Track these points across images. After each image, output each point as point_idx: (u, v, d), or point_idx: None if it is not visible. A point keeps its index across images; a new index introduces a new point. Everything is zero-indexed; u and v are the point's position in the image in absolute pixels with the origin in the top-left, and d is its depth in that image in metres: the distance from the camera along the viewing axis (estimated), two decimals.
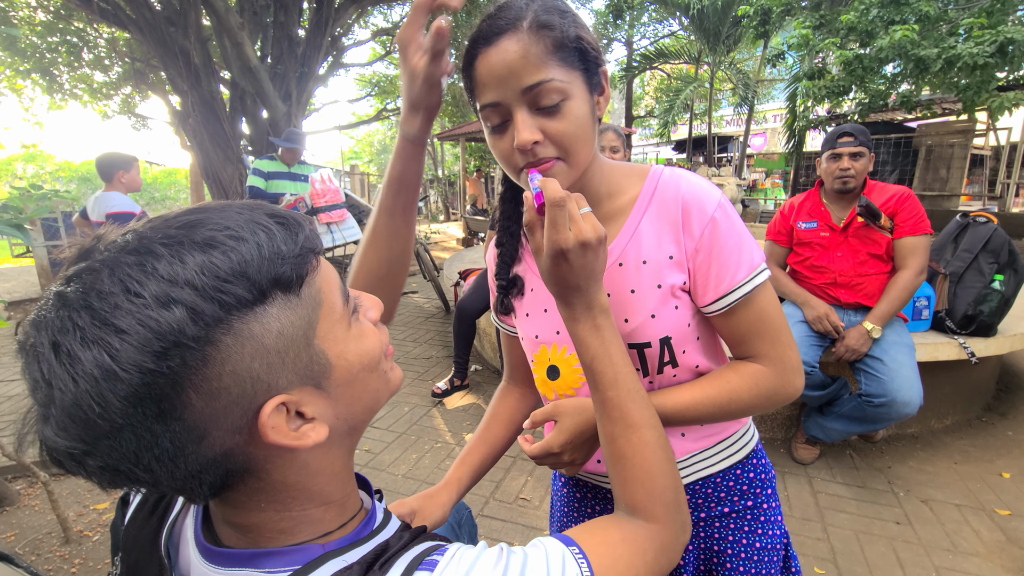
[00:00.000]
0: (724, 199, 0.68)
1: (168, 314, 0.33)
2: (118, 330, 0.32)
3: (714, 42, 11.30)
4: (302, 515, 0.44)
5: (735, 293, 0.66)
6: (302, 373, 0.40)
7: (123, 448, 0.34)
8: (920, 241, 2.00)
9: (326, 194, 3.84)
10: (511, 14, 0.58)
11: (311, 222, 0.43)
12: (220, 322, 0.35)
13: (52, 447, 0.34)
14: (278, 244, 0.38)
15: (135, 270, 0.34)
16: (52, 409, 0.33)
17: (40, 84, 8.10)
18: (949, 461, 2.30)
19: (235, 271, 0.35)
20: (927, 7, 5.47)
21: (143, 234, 0.36)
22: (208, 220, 0.37)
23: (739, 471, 0.79)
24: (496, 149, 0.64)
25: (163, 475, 0.36)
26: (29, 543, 1.93)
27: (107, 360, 0.32)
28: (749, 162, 15.07)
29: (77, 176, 15.41)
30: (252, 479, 0.41)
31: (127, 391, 0.32)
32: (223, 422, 0.37)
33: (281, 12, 6.66)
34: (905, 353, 1.96)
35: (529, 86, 0.58)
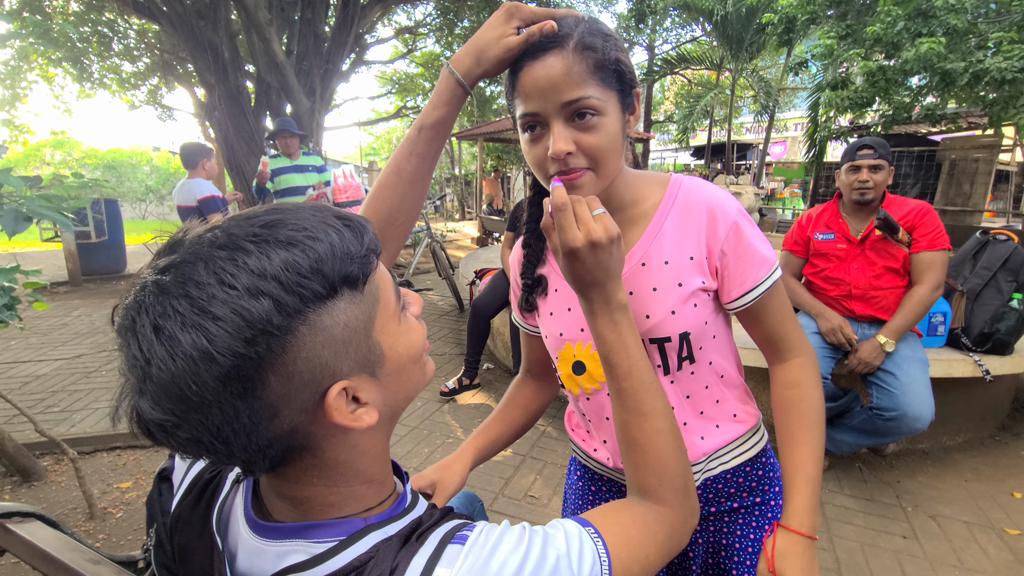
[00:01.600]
0: (740, 205, 0.75)
1: (258, 304, 0.37)
2: (215, 317, 0.36)
3: (737, 49, 11.22)
4: (348, 491, 0.48)
5: (759, 288, 0.73)
6: (361, 362, 0.44)
7: (209, 422, 0.38)
8: (938, 256, 2.00)
9: (347, 190, 3.91)
10: (559, 32, 0.63)
11: (369, 223, 0.47)
12: (299, 313, 0.39)
13: (147, 419, 0.38)
14: (347, 245, 0.42)
15: (228, 263, 0.37)
16: (148, 384, 0.37)
17: (71, 73, 8.32)
18: (959, 478, 2.29)
19: (313, 268, 0.39)
20: (956, 20, 5.39)
21: (230, 231, 0.40)
22: (287, 220, 0.41)
23: (748, 468, 0.83)
24: (530, 155, 0.68)
25: (237, 447, 0.40)
26: (56, 517, 2.01)
27: (204, 343, 0.36)
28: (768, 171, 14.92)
29: (102, 164, 15.74)
30: (308, 455, 0.45)
31: (220, 372, 0.36)
32: (294, 402, 0.41)
33: (308, 9, 6.77)
34: (918, 368, 1.97)
35: (568, 101, 0.62)
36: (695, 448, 0.78)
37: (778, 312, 0.76)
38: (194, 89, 8.31)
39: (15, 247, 9.76)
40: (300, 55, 6.97)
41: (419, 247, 4.73)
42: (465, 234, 11.45)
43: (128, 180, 15.61)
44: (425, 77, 13.82)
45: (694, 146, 16.17)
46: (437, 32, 10.60)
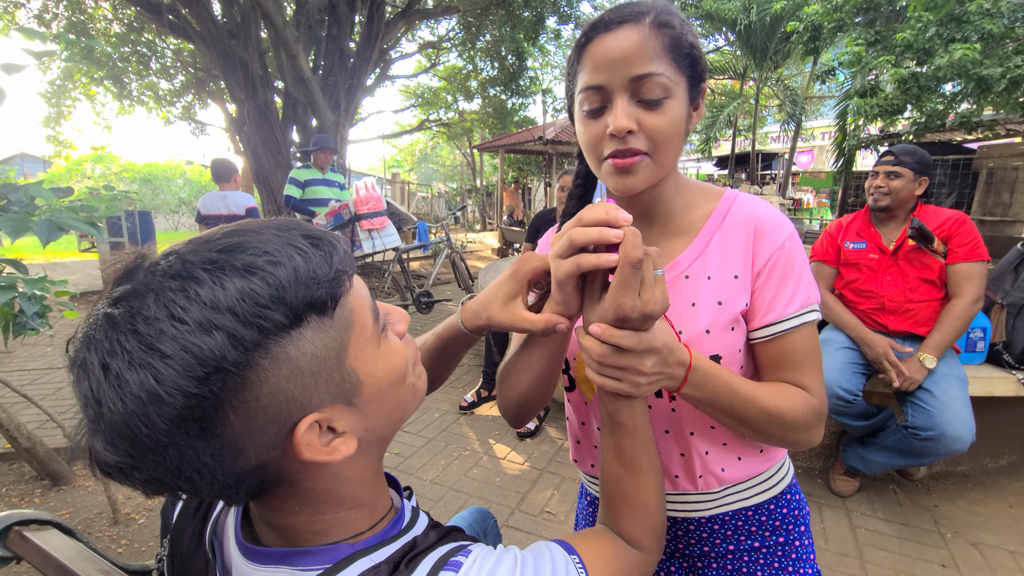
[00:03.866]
0: (795, 231, 0.69)
1: (210, 340, 0.34)
2: (163, 355, 0.33)
3: (761, 58, 11.09)
4: (334, 517, 0.46)
5: (783, 324, 0.66)
6: (334, 392, 0.41)
7: (167, 463, 0.36)
8: (976, 268, 1.91)
9: (369, 201, 3.96)
10: (637, 8, 0.61)
11: (345, 242, 0.45)
12: (258, 347, 0.36)
13: (102, 460, 0.36)
14: (314, 268, 0.39)
15: (179, 295, 0.35)
16: (101, 425, 0.35)
17: (111, 91, 8.69)
18: (1003, 504, 2.16)
19: (273, 297, 0.36)
20: (991, 25, 5.23)
21: (186, 258, 0.37)
22: (247, 244, 0.38)
23: (772, 506, 0.78)
24: (586, 134, 0.64)
25: (203, 485, 0.38)
26: (81, 521, 2.05)
27: (153, 384, 0.33)
28: (794, 180, 14.63)
29: (139, 177, 16.36)
30: (286, 486, 0.43)
31: (171, 413, 0.34)
32: (260, 438, 0.38)
33: (335, 26, 6.96)
34: (957, 386, 1.87)
35: (638, 75, 0.59)
36: (713, 478, 0.73)
37: (798, 356, 0.67)
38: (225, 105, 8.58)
39: (56, 257, 10.19)
40: (326, 70, 7.16)
41: (439, 258, 4.76)
42: (486, 244, 11.50)
43: (163, 193, 16.20)
44: (448, 90, 14.03)
45: (717, 156, 15.98)
46: (460, 46, 10.77)
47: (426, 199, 17.50)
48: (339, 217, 3.91)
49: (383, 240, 4.05)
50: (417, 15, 8.42)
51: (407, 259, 5.28)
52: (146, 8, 6.48)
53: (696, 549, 0.78)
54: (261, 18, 6.19)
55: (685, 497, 0.76)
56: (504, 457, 2.58)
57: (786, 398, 0.65)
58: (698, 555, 0.79)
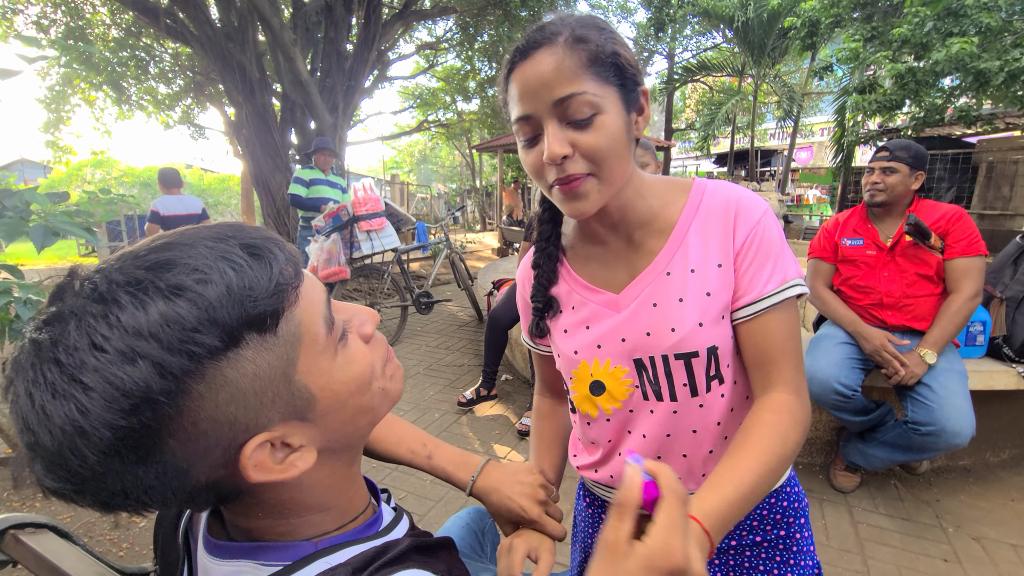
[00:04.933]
0: (770, 209, 0.69)
1: (133, 370, 0.32)
2: (85, 387, 0.32)
3: (759, 55, 11.08)
4: (300, 520, 0.45)
5: (763, 302, 0.65)
6: (283, 410, 0.39)
7: (110, 488, 0.35)
8: (974, 263, 1.91)
9: (367, 203, 3.97)
10: (550, 29, 0.59)
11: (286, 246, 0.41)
12: (189, 373, 0.33)
13: (44, 485, 0.35)
14: (249, 282, 0.36)
15: (100, 322, 0.33)
16: (38, 451, 0.33)
17: (110, 96, 8.70)
18: (1005, 498, 2.16)
19: (202, 319, 0.34)
20: (988, 18, 5.21)
21: (111, 277, 0.34)
22: (176, 260, 0.35)
23: (773, 500, 0.77)
24: (527, 163, 0.63)
25: (155, 503, 0.37)
26: (82, 525, 2.06)
27: (77, 416, 0.32)
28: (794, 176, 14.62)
29: (139, 181, 16.39)
30: (246, 496, 0.42)
31: (101, 446, 0.32)
32: (205, 460, 0.36)
33: (331, 28, 6.96)
34: (956, 380, 1.86)
35: (561, 98, 0.57)
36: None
37: (778, 340, 0.65)
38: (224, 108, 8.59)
39: (56, 262, 10.20)
40: (324, 73, 7.16)
41: (438, 258, 4.76)
42: (486, 244, 11.50)
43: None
44: (446, 91, 14.03)
45: (716, 153, 15.98)
46: (457, 47, 10.77)
47: (425, 200, 17.52)
48: (337, 218, 3.92)
49: (382, 241, 4.05)
50: (414, 16, 8.42)
51: (406, 260, 5.28)
52: (143, 12, 6.49)
53: None
54: (258, 21, 6.19)
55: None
56: (504, 457, 2.58)
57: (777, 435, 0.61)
58: None
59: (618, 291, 0.72)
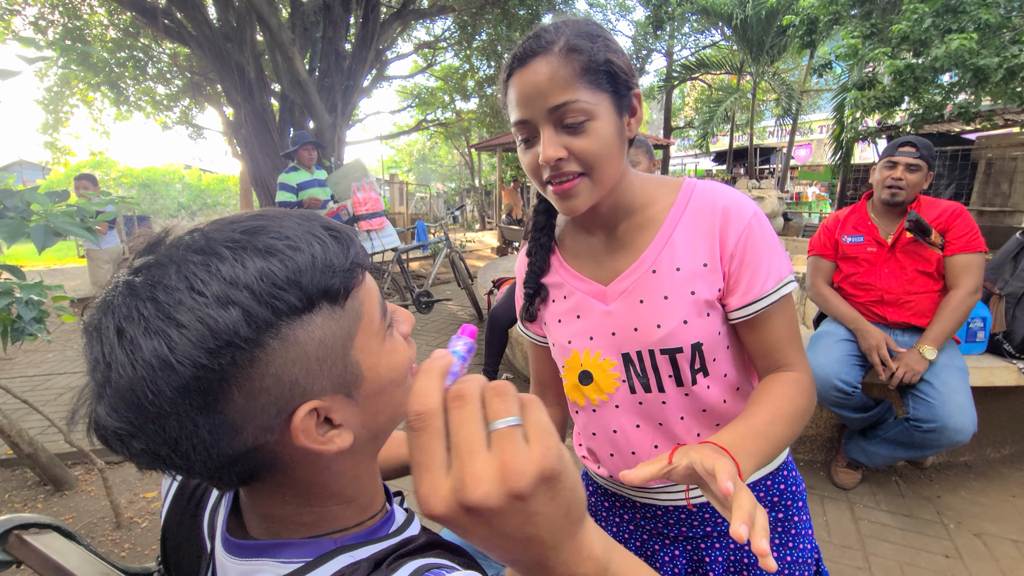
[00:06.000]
0: (759, 209, 0.71)
1: (226, 314, 0.35)
2: (179, 324, 0.34)
3: (757, 52, 11.07)
4: (323, 511, 0.46)
5: (763, 301, 0.68)
6: (336, 381, 0.41)
7: (166, 434, 0.36)
8: (974, 259, 1.91)
9: (367, 202, 3.97)
10: (546, 38, 0.62)
11: (358, 237, 0.45)
12: (271, 326, 0.36)
13: (103, 425, 0.36)
14: (331, 257, 0.40)
15: (200, 269, 0.35)
16: (108, 389, 0.35)
17: (109, 96, 8.69)
18: (1006, 494, 2.16)
19: (290, 279, 0.37)
20: (987, 15, 5.21)
21: (209, 235, 0.38)
22: (269, 227, 0.39)
23: (770, 482, 0.79)
24: (525, 163, 0.67)
25: (197, 462, 0.38)
26: (84, 526, 2.06)
27: (166, 351, 0.34)
28: (793, 174, 14.62)
29: (137, 182, 16.38)
30: (278, 474, 0.43)
31: (179, 382, 0.34)
32: (259, 420, 0.38)
33: (330, 28, 6.95)
34: (957, 377, 1.87)
35: (555, 106, 0.61)
36: None
37: (782, 331, 0.70)
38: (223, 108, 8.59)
39: (55, 263, 10.19)
40: (322, 72, 7.15)
41: (438, 257, 4.76)
42: (485, 244, 11.50)
43: (161, 197, 16.21)
44: (445, 90, 14.01)
45: (715, 151, 15.98)
46: (456, 46, 10.76)
47: (424, 199, 17.51)
48: (338, 218, 3.92)
49: (382, 240, 4.05)
50: (412, 15, 8.42)
51: (406, 259, 5.28)
52: (141, 13, 6.47)
53: (699, 531, 0.80)
54: (256, 21, 6.18)
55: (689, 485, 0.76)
56: None
57: (784, 395, 0.67)
58: (701, 536, 0.80)
59: (606, 283, 0.75)
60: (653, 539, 0.82)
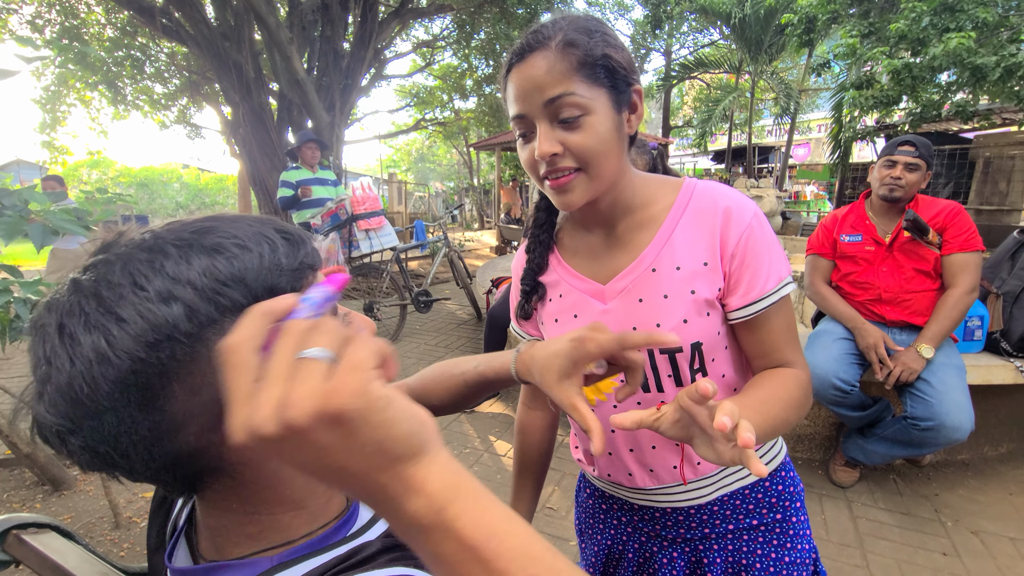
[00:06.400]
0: (759, 210, 0.71)
1: (167, 309, 0.35)
2: (119, 319, 0.34)
3: (756, 51, 11.07)
4: (270, 520, 0.44)
5: (764, 301, 0.68)
6: None
7: (104, 430, 0.36)
8: (971, 258, 1.91)
9: (366, 201, 3.96)
10: (545, 33, 0.62)
11: (315, 241, 0.45)
12: (213, 323, 0.36)
13: (41, 423, 0.36)
14: (279, 257, 0.40)
15: (145, 266, 0.36)
16: (48, 387, 0.35)
17: (106, 96, 8.66)
18: (1004, 492, 2.17)
19: (235, 276, 0.37)
20: (985, 14, 5.22)
21: (159, 234, 0.38)
22: (220, 228, 0.39)
23: (767, 483, 0.79)
24: (523, 158, 0.67)
25: (138, 462, 0.38)
26: (83, 526, 2.06)
27: (103, 345, 0.34)
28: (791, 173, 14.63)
29: (135, 181, 16.34)
30: (225, 478, 0.42)
31: (116, 375, 0.34)
32: (201, 418, 0.38)
33: (328, 26, 6.94)
34: (955, 375, 1.87)
35: (550, 99, 0.61)
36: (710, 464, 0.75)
37: (781, 331, 0.71)
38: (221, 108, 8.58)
39: None
40: (320, 71, 7.14)
41: (437, 257, 4.76)
42: (484, 243, 11.50)
43: (159, 197, 16.18)
44: (443, 89, 14.00)
45: (713, 150, 15.98)
46: (454, 45, 10.75)
47: (423, 199, 17.50)
48: (336, 217, 3.91)
49: (380, 240, 4.05)
50: (411, 14, 8.40)
51: (405, 259, 5.28)
52: (138, 11, 6.45)
53: (697, 532, 0.80)
54: (254, 20, 6.17)
55: (686, 486, 0.77)
56: (504, 454, 2.59)
57: (780, 384, 0.68)
58: (699, 538, 0.80)
59: (604, 282, 0.74)
60: (651, 541, 0.83)
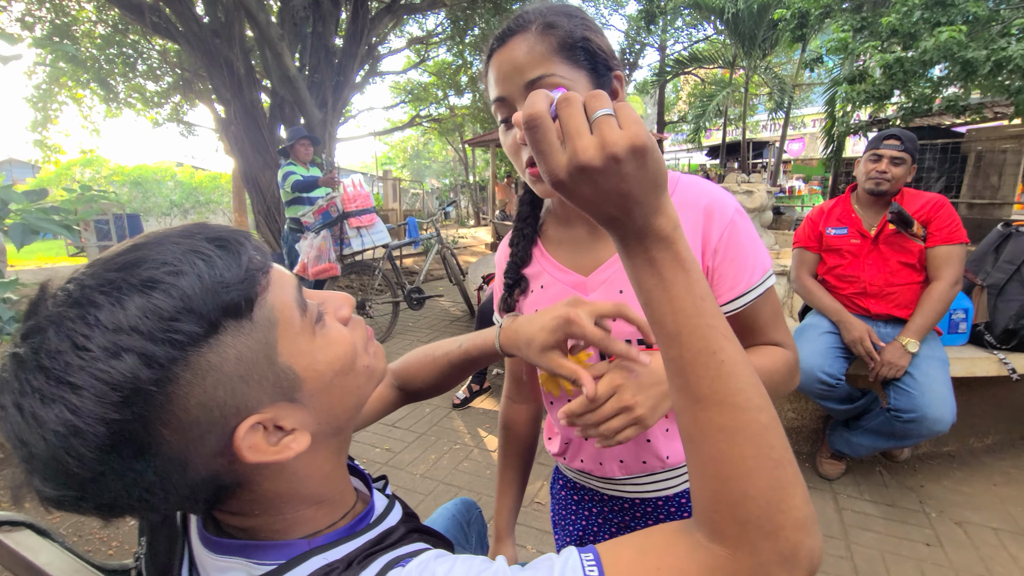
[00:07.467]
0: (739, 205, 0.72)
1: (120, 363, 0.33)
2: (74, 387, 0.32)
3: (749, 46, 11.07)
4: (295, 516, 0.45)
5: (751, 293, 0.70)
6: (271, 391, 0.40)
7: (111, 488, 0.35)
8: (955, 251, 1.92)
9: (357, 199, 3.95)
10: (524, 18, 0.63)
11: (252, 237, 0.42)
12: (175, 361, 0.34)
13: (45, 496, 0.35)
14: (220, 271, 0.37)
15: (79, 324, 0.33)
16: (34, 463, 0.34)
17: (98, 93, 8.61)
18: (988, 483, 2.19)
19: (179, 308, 0.35)
20: (975, 8, 5.23)
21: (84, 283, 0.35)
22: (145, 258, 0.36)
23: None
24: (505, 144, 0.67)
25: (158, 502, 0.38)
26: (72, 525, 2.06)
27: (69, 416, 0.32)
28: (786, 168, 14.65)
29: (129, 180, 16.24)
30: (244, 492, 0.42)
31: (97, 442, 0.33)
32: (202, 449, 0.37)
33: (319, 23, 6.90)
34: (938, 368, 1.89)
35: (531, 80, 0.61)
36: (678, 456, 0.76)
37: (767, 318, 0.73)
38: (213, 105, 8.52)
39: (46, 262, 10.11)
40: (312, 68, 7.10)
41: (430, 253, 4.76)
42: (479, 239, 11.49)
43: (153, 195, 16.08)
44: (438, 86, 13.96)
45: (708, 146, 15.99)
46: (449, 41, 10.71)
47: (418, 196, 17.45)
48: (327, 215, 3.90)
49: (372, 237, 4.04)
50: (403, 9, 8.36)
51: (398, 256, 5.27)
52: (128, 9, 6.40)
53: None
54: (245, 16, 6.13)
55: (654, 477, 0.78)
56: (494, 450, 2.60)
57: (770, 358, 0.71)
58: None
59: (587, 274, 0.75)
60: (621, 532, 0.83)
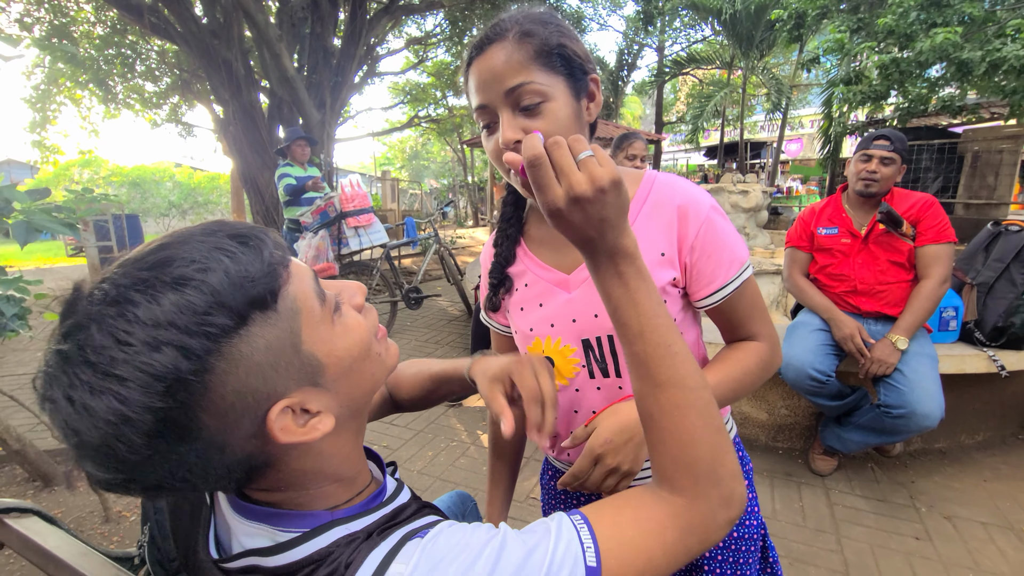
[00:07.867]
0: (715, 203, 0.74)
1: (161, 356, 0.36)
2: (120, 379, 0.35)
3: (747, 47, 11.11)
4: (318, 491, 0.49)
5: (728, 287, 0.72)
6: (298, 376, 0.43)
7: (157, 470, 0.39)
8: (943, 249, 1.96)
9: (355, 199, 3.98)
10: (502, 26, 0.65)
11: (271, 232, 0.45)
12: (210, 352, 0.37)
13: (97, 479, 0.39)
14: (244, 266, 0.40)
15: (120, 320, 0.36)
16: (86, 450, 0.37)
17: (97, 94, 8.62)
18: (978, 478, 2.22)
19: (211, 303, 0.38)
20: (970, 8, 5.27)
21: (118, 283, 0.38)
22: (174, 256, 0.39)
23: None
24: (488, 149, 0.69)
25: (198, 481, 0.41)
26: (73, 520, 2.08)
27: (119, 406, 0.35)
28: (784, 168, 14.70)
29: (127, 181, 16.23)
30: (273, 470, 0.46)
31: (144, 428, 0.36)
32: (238, 432, 0.41)
33: (317, 24, 6.92)
34: (927, 365, 1.92)
35: (510, 88, 0.63)
36: None
37: (746, 308, 0.75)
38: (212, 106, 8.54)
39: (46, 263, 10.13)
40: (310, 69, 7.12)
41: (428, 253, 4.78)
42: (478, 240, 11.51)
43: (152, 196, 16.07)
44: (436, 86, 13.99)
45: (706, 146, 16.03)
46: (447, 41, 10.74)
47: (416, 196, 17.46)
48: (325, 215, 3.92)
49: (370, 237, 4.06)
50: (401, 10, 8.39)
51: (396, 256, 5.30)
52: (127, 10, 6.42)
53: None
54: (243, 17, 6.15)
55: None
56: None
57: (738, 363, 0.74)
58: None
59: (569, 272, 0.77)
60: None
